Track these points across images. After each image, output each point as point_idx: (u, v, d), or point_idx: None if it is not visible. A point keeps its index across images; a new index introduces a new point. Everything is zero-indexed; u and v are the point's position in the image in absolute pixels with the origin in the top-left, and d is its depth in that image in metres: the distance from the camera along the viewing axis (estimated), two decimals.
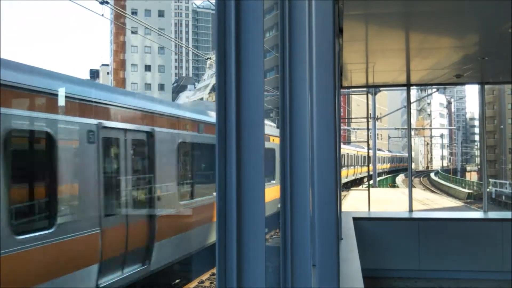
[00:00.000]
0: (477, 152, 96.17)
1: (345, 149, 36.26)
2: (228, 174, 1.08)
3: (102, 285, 6.58)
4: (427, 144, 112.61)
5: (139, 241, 7.71)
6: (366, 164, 37.80)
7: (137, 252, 7.62)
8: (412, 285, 7.09)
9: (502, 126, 71.63)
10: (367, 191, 9.43)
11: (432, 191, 38.65)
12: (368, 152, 13.53)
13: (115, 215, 7.32)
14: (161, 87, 66.07)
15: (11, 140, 5.48)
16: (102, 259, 6.60)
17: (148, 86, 64.79)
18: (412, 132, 17.16)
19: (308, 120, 1.67)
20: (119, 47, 66.14)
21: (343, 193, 19.97)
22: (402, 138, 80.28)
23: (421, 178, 60.63)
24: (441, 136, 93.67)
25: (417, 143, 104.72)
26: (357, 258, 4.50)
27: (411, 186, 8.50)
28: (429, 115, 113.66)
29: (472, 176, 72.16)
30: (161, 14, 69.36)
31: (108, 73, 70.83)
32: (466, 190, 40.58)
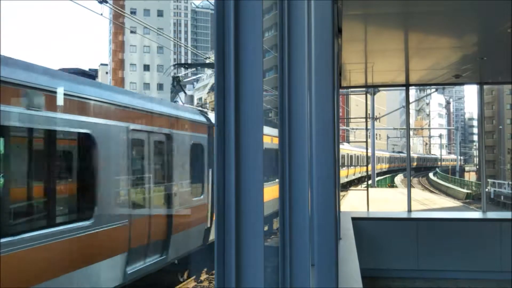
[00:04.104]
0: (475, 152, 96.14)
1: (348, 149, 36.60)
2: (227, 174, 1.08)
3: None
4: (426, 144, 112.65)
5: None
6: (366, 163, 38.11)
7: None
8: (411, 285, 7.10)
9: (501, 126, 71.68)
10: (365, 191, 9.44)
11: (431, 191, 38.61)
12: (367, 152, 13.58)
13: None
14: (160, 86, 66.00)
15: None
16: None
17: (147, 85, 64.76)
18: (411, 132, 17.17)
19: (307, 120, 1.67)
20: (118, 47, 66.07)
21: (342, 193, 19.96)
22: (400, 138, 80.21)
23: (420, 178, 60.64)
24: (440, 136, 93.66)
25: (416, 143, 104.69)
26: (355, 258, 4.51)
27: (409, 186, 8.51)
28: (428, 115, 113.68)
29: (470, 176, 72.17)
30: (160, 13, 69.28)
31: (107, 73, 70.72)
32: (465, 190, 40.51)
